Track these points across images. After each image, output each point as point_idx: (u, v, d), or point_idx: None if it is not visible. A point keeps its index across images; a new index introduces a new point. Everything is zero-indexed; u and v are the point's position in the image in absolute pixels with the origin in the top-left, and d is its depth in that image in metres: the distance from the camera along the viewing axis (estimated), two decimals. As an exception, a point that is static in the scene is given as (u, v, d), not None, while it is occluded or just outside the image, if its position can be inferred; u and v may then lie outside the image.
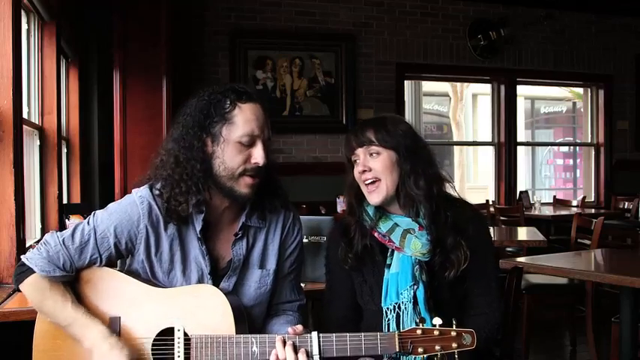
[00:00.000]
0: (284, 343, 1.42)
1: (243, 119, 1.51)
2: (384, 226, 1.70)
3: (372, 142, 1.67)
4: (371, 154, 1.68)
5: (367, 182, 1.68)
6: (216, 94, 1.54)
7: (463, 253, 1.66)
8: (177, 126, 1.55)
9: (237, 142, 1.51)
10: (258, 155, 1.52)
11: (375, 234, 1.71)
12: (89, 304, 1.55)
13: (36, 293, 1.51)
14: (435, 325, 1.42)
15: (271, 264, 1.65)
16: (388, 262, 1.70)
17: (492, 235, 3.91)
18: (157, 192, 1.55)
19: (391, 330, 1.64)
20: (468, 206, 1.80)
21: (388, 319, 1.66)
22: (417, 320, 1.50)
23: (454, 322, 1.42)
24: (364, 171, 1.67)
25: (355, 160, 1.71)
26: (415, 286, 1.64)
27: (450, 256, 1.66)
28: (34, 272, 1.50)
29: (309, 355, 1.42)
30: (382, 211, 1.72)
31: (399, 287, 1.65)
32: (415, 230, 1.67)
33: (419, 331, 1.41)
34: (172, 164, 1.52)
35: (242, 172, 1.52)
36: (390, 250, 1.71)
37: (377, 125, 1.70)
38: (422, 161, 1.70)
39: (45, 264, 1.50)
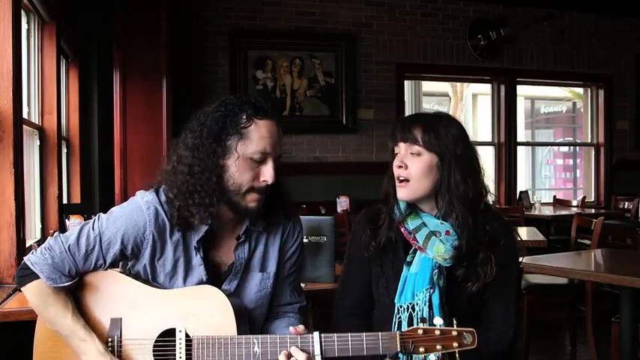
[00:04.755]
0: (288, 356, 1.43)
1: (258, 136, 1.49)
2: (411, 223, 1.67)
3: (416, 140, 1.63)
4: (412, 153, 1.64)
5: (399, 179, 1.65)
6: (233, 106, 1.51)
7: (490, 269, 1.62)
8: (192, 134, 1.52)
9: (248, 158, 1.49)
10: (267, 174, 1.51)
11: (402, 229, 1.68)
12: (91, 306, 1.55)
13: (39, 299, 1.51)
14: (436, 325, 1.42)
15: (271, 267, 1.64)
16: (409, 259, 1.68)
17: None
18: (167, 199, 1.53)
19: (402, 328, 1.63)
20: (503, 221, 1.74)
21: (399, 317, 1.64)
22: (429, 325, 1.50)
23: (455, 322, 1.42)
24: (400, 167, 1.64)
25: (396, 153, 1.67)
26: (431, 290, 1.61)
27: (477, 269, 1.63)
28: (38, 277, 1.49)
29: (311, 355, 1.42)
30: (413, 207, 1.70)
31: (416, 288, 1.63)
32: (441, 234, 1.64)
33: (420, 331, 1.42)
34: (186, 174, 1.50)
35: (249, 188, 1.51)
36: (413, 248, 1.69)
37: (427, 124, 1.64)
38: (469, 171, 1.64)
39: (51, 271, 1.49)
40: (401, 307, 1.64)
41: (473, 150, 1.69)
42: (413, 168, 1.63)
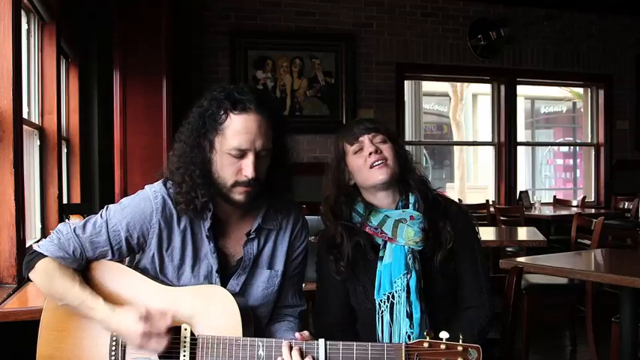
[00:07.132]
0: (290, 347, 1.43)
1: (232, 132, 1.48)
2: (375, 220, 1.73)
3: (379, 130, 1.75)
4: (378, 142, 1.73)
5: (376, 163, 1.70)
6: (215, 100, 1.52)
7: (448, 233, 1.71)
8: (187, 126, 1.55)
9: (227, 154, 1.50)
10: (247, 169, 1.49)
11: (367, 229, 1.74)
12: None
13: (45, 276, 1.52)
14: (441, 339, 1.40)
15: (279, 265, 1.66)
16: (381, 254, 1.72)
17: (493, 236, 3.93)
18: (170, 186, 1.57)
19: (385, 322, 1.67)
20: (451, 200, 1.89)
21: (382, 311, 1.68)
22: (409, 310, 1.54)
23: (461, 337, 1.40)
24: (376, 151, 1.71)
25: (358, 150, 1.74)
26: (408, 275, 1.66)
27: (440, 238, 1.71)
28: (43, 257, 1.52)
29: None
30: (371, 206, 1.76)
31: (393, 276, 1.68)
32: (407, 220, 1.71)
33: (426, 344, 1.40)
34: (177, 163, 1.54)
35: (234, 183, 1.51)
36: (382, 243, 1.73)
37: (376, 121, 1.82)
38: (411, 158, 1.81)
39: (56, 250, 1.52)
40: (381, 301, 1.68)
41: None
42: (386, 151, 1.73)
